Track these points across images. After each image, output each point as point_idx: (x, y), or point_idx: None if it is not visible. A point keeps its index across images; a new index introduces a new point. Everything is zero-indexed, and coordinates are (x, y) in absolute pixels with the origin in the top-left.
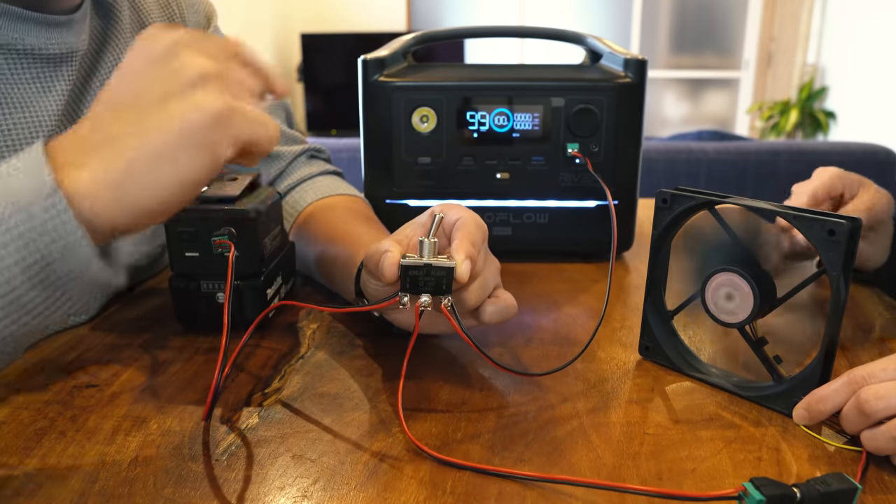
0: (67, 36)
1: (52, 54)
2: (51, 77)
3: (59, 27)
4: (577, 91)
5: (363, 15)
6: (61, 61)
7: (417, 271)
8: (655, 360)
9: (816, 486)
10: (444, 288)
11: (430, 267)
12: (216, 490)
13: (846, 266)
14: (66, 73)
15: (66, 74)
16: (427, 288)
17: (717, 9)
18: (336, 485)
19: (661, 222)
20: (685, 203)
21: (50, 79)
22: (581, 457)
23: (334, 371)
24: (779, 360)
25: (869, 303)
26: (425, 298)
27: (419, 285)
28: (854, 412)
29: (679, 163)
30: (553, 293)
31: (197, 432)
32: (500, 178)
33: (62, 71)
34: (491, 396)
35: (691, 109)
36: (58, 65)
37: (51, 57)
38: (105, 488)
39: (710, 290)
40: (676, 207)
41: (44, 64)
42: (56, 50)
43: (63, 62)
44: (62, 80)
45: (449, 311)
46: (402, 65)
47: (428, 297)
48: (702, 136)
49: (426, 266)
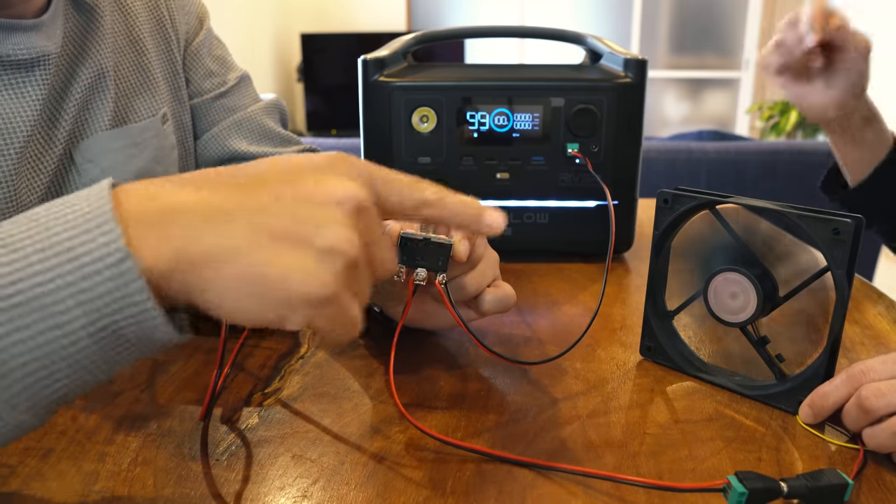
0: (37, 40)
1: (22, 60)
2: (22, 83)
3: (27, 31)
4: (577, 91)
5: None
6: (32, 66)
7: (416, 243)
8: (657, 361)
9: (805, 480)
10: (440, 264)
11: (428, 241)
12: (216, 490)
13: (850, 264)
14: (39, 78)
15: (40, 79)
16: (424, 262)
17: (717, 9)
18: (336, 485)
19: (663, 223)
20: (686, 203)
21: (21, 84)
22: (581, 456)
23: (334, 371)
24: (781, 359)
25: (868, 301)
26: (421, 272)
27: (416, 258)
28: (855, 410)
29: (679, 163)
30: (553, 292)
31: (197, 432)
32: (500, 178)
33: (34, 76)
34: (491, 395)
35: (691, 109)
36: (29, 70)
37: (21, 63)
38: (105, 488)
39: (713, 289)
40: (678, 208)
41: (14, 70)
42: (25, 55)
43: (35, 67)
44: (36, 86)
45: (443, 289)
46: (402, 65)
47: (424, 271)
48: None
49: (425, 239)
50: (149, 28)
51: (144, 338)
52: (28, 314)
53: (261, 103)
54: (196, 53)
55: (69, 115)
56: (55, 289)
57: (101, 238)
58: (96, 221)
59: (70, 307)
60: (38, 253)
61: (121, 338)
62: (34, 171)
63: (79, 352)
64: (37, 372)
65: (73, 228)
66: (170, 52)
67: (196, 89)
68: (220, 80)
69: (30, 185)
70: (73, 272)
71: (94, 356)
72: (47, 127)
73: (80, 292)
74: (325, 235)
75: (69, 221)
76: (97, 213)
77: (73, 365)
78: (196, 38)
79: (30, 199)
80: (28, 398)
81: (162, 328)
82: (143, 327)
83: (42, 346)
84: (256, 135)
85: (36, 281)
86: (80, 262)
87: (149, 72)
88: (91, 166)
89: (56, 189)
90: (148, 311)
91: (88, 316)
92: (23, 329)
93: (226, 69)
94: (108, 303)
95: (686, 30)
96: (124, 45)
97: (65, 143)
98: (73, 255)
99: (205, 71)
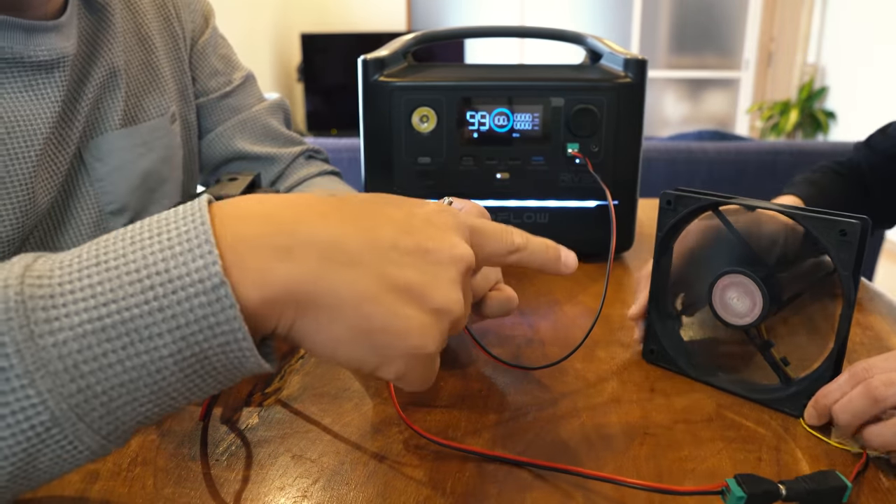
0: (56, 41)
1: (42, 61)
2: (42, 84)
3: (46, 32)
4: (577, 91)
5: (363, 15)
6: (52, 67)
7: None
8: (660, 365)
9: (804, 482)
10: None
11: None
12: (216, 490)
13: (857, 266)
14: (57, 79)
15: (59, 80)
16: None
17: (717, 9)
18: (336, 485)
19: (666, 224)
20: (690, 205)
21: (41, 86)
22: (581, 456)
23: (334, 371)
24: (786, 363)
25: (869, 302)
26: None
27: None
28: (862, 400)
29: (679, 163)
30: (553, 293)
31: (197, 432)
32: (500, 178)
33: (53, 77)
34: (491, 395)
35: (691, 109)
36: (49, 71)
37: (41, 64)
38: (105, 488)
39: (718, 291)
40: (681, 209)
41: (34, 71)
42: (45, 56)
43: (54, 68)
44: (54, 87)
45: None
46: (402, 65)
47: None
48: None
49: None
50: (157, 26)
51: (232, 367)
52: (117, 337)
53: (265, 103)
54: (202, 52)
55: (82, 114)
56: (147, 311)
57: (198, 261)
58: (193, 244)
59: (161, 332)
60: (133, 273)
61: (207, 366)
62: (49, 172)
63: (164, 378)
64: (121, 397)
65: (168, 249)
66: (177, 50)
67: (202, 88)
68: (226, 79)
69: (45, 185)
70: (167, 296)
71: (177, 383)
72: (62, 127)
73: (172, 317)
74: (442, 294)
75: (164, 241)
76: (194, 233)
77: (157, 392)
78: (202, 37)
79: (44, 199)
80: (109, 423)
81: (251, 360)
82: (231, 357)
83: (129, 370)
84: (261, 135)
85: (127, 303)
86: (174, 286)
87: (158, 70)
88: (100, 165)
89: (67, 189)
90: (238, 341)
91: (178, 343)
92: (110, 353)
93: (231, 68)
94: (199, 329)
95: (686, 30)
96: (133, 44)
97: (77, 142)
98: (167, 276)
99: (210, 70)
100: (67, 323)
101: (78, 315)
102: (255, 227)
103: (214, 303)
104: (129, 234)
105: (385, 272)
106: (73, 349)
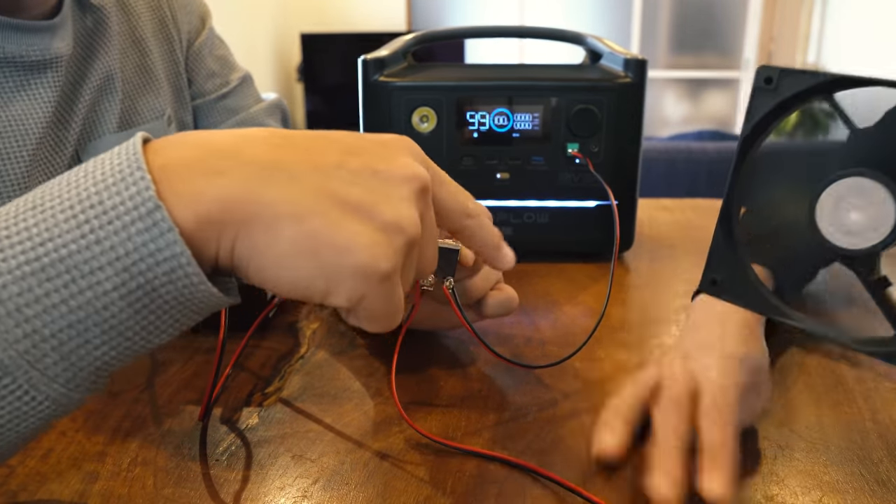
0: (50, 41)
1: (35, 61)
2: (35, 84)
3: (40, 33)
4: (577, 91)
5: (363, 15)
6: (45, 68)
7: None
8: (724, 298)
9: None
10: (448, 269)
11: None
12: (216, 490)
13: None
14: (51, 80)
15: (52, 81)
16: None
17: (717, 9)
18: (336, 485)
19: (759, 110)
20: (799, 84)
21: (34, 86)
22: (581, 456)
23: (334, 371)
24: None
25: None
26: (430, 277)
27: None
28: None
29: (679, 163)
30: (553, 293)
31: (197, 432)
32: (500, 178)
33: (47, 77)
34: (491, 395)
35: (691, 109)
36: (41, 71)
37: (33, 64)
38: (105, 488)
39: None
40: (784, 91)
41: (27, 71)
42: (38, 56)
43: (47, 68)
44: (48, 88)
45: (450, 293)
46: (402, 65)
47: (432, 276)
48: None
49: None
50: (151, 28)
51: (183, 299)
52: (57, 276)
53: (263, 104)
54: (198, 54)
55: (79, 117)
56: (85, 246)
57: (131, 188)
58: (125, 173)
59: (101, 265)
60: (67, 210)
61: (157, 299)
62: (47, 174)
63: (113, 316)
64: (72, 340)
65: (101, 182)
66: (172, 52)
67: (198, 90)
68: (223, 80)
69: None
70: (103, 227)
71: (129, 321)
72: (58, 129)
73: (111, 248)
74: (392, 210)
75: (97, 176)
76: (126, 164)
77: (107, 331)
78: (198, 39)
79: None
80: (66, 369)
81: (201, 287)
82: (180, 286)
83: (74, 309)
84: None
85: (64, 240)
86: (108, 217)
87: (152, 73)
88: None
89: None
90: (183, 266)
91: (120, 275)
92: (52, 293)
93: (228, 70)
94: (140, 258)
95: (686, 30)
96: (128, 46)
97: (74, 144)
98: (101, 209)
99: (207, 72)
100: (5, 267)
101: (15, 258)
102: (189, 151)
103: (152, 227)
104: (65, 178)
105: (328, 187)
106: (14, 292)
